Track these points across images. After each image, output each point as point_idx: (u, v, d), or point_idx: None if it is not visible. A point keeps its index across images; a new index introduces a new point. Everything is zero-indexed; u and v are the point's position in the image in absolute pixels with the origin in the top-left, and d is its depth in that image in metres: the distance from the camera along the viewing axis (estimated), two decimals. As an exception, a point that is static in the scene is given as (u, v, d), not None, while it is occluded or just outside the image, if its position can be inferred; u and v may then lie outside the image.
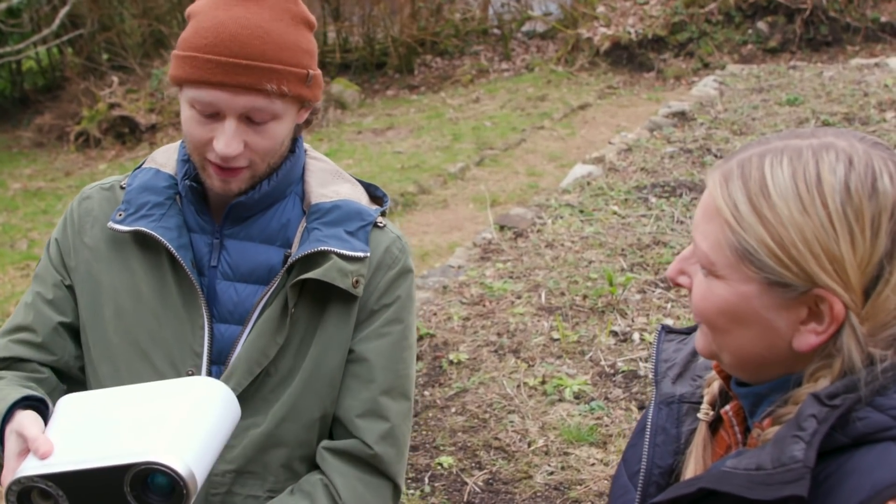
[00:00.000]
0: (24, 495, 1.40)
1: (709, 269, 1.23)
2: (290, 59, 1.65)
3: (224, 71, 1.59)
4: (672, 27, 13.99)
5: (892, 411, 1.13)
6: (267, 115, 1.65)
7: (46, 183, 11.39)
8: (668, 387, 1.47)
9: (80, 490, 1.39)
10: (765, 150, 1.20)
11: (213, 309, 1.77)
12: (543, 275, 5.98)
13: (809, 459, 1.09)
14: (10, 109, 15.15)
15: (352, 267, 1.73)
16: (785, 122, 8.96)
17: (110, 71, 14.00)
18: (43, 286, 1.85)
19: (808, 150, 1.17)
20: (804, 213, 1.13)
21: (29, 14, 14.35)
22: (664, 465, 1.42)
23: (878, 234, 1.13)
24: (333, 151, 11.10)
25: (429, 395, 4.72)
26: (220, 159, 1.65)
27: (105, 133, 12.66)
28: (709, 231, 1.22)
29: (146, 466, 1.35)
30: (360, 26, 15.55)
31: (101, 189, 1.89)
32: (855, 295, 1.14)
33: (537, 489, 3.90)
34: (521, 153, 10.22)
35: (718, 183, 1.21)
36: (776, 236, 1.14)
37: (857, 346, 1.15)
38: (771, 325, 1.19)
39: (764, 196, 1.16)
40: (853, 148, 1.16)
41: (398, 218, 8.25)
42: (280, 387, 1.75)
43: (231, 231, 1.78)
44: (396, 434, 1.81)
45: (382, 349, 1.80)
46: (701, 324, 1.29)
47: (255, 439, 1.74)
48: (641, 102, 12.30)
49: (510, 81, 14.22)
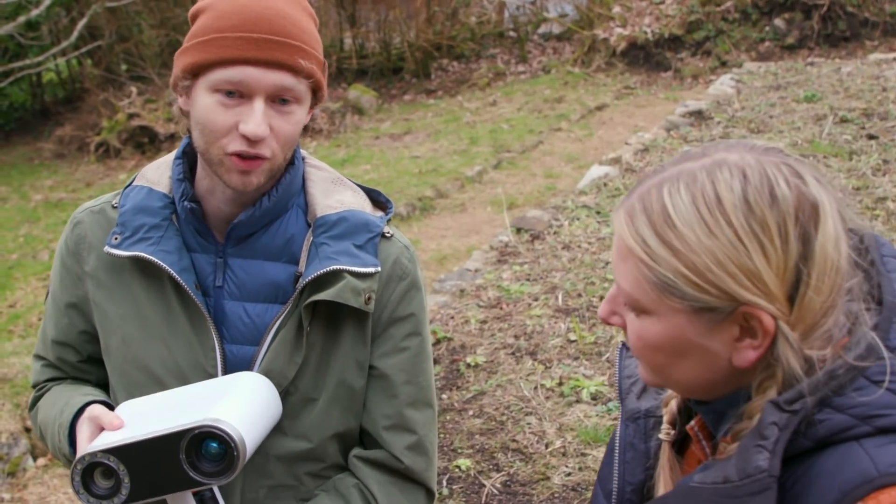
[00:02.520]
0: (88, 474, 1.45)
1: (635, 307, 1.22)
2: (313, 43, 1.65)
3: (258, 46, 1.57)
4: (688, 26, 13.94)
5: (851, 410, 1.12)
6: (294, 95, 1.62)
7: (67, 194, 11.48)
8: (632, 402, 1.46)
9: (140, 462, 1.44)
10: (661, 180, 1.19)
11: (222, 329, 1.74)
12: (560, 277, 5.97)
13: (774, 468, 1.09)
14: (30, 121, 15.28)
15: (364, 284, 1.71)
16: (802, 118, 8.91)
17: (129, 81, 14.09)
18: (56, 329, 1.86)
19: (701, 171, 1.16)
20: (711, 236, 1.13)
21: (48, 27, 14.45)
22: (635, 481, 1.42)
23: (787, 239, 1.12)
24: (351, 157, 11.13)
25: (446, 399, 4.73)
26: (246, 144, 1.60)
27: (125, 143, 12.75)
28: (626, 271, 1.22)
29: (200, 430, 1.41)
30: (377, 32, 15.59)
31: (91, 213, 1.84)
32: (780, 304, 1.14)
33: (555, 490, 3.90)
34: (538, 155, 10.22)
35: (624, 221, 1.21)
36: (690, 264, 1.14)
37: (792, 353, 1.14)
38: (707, 349, 1.19)
39: (669, 226, 1.15)
40: (744, 160, 1.16)
41: (416, 222, 8.27)
42: (305, 406, 1.74)
43: (234, 249, 1.74)
44: (424, 444, 1.81)
45: (403, 364, 1.80)
46: (639, 359, 1.29)
47: (285, 456, 1.75)
48: (659, 102, 12.27)
49: (527, 84, 14.22)
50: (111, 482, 1.45)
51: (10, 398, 5.25)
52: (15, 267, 8.61)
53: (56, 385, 1.88)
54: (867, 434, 1.11)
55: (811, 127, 8.58)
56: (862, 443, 1.11)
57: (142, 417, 1.52)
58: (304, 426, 1.75)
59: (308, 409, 1.74)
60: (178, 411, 1.50)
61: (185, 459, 1.42)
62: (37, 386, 1.92)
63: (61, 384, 1.88)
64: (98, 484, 1.46)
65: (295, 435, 1.75)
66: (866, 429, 1.11)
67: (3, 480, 4.91)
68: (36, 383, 1.92)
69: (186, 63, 1.63)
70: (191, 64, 1.62)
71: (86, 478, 1.45)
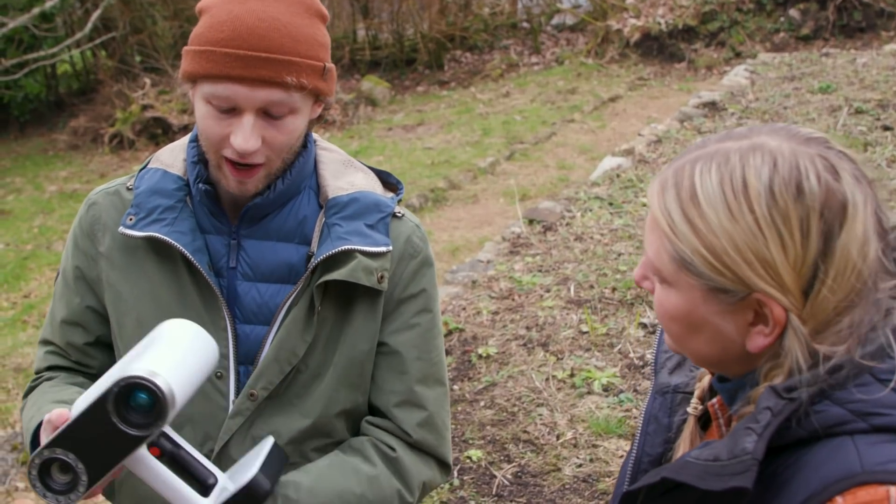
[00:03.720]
0: (45, 474, 1.44)
1: (659, 276, 1.24)
2: (308, 52, 1.63)
3: (243, 64, 1.57)
4: (702, 17, 13.88)
5: (849, 405, 1.12)
6: (285, 109, 1.63)
7: (82, 185, 11.51)
8: (664, 377, 1.48)
9: (83, 443, 1.42)
10: (697, 157, 1.20)
11: (235, 310, 1.76)
12: (572, 268, 5.97)
13: (758, 451, 1.09)
14: (45, 113, 15.32)
15: (376, 263, 1.73)
16: (817, 109, 8.87)
17: (143, 73, 14.12)
18: (66, 309, 1.87)
19: (735, 154, 1.16)
20: (732, 220, 1.13)
21: (62, 18, 14.49)
22: (654, 453, 1.44)
23: (808, 235, 1.12)
24: (364, 148, 11.14)
25: (458, 390, 4.73)
26: (237, 155, 1.63)
27: (138, 134, 12.77)
28: (652, 241, 1.23)
29: (118, 388, 1.39)
30: (390, 23, 15.57)
31: (106, 194, 1.86)
32: (793, 297, 1.14)
33: (566, 481, 3.90)
34: (551, 147, 10.20)
35: (656, 193, 1.22)
36: (709, 244, 1.15)
37: (800, 346, 1.14)
38: (720, 329, 1.20)
39: (694, 204, 1.16)
40: (780, 148, 1.15)
41: (428, 214, 8.26)
42: (312, 382, 1.77)
43: (248, 231, 1.77)
44: (435, 420, 1.83)
45: (414, 340, 1.82)
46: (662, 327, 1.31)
47: (292, 434, 1.77)
48: (672, 93, 12.23)
49: (540, 75, 14.18)
50: (69, 475, 1.44)
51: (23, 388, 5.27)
52: (29, 257, 8.65)
53: (49, 380, 1.89)
54: (862, 430, 1.11)
55: (826, 118, 8.54)
56: (855, 438, 1.11)
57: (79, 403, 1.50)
58: (313, 402, 1.77)
59: (317, 385, 1.76)
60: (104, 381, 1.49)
61: (118, 419, 1.41)
62: (38, 373, 1.93)
63: (54, 380, 1.88)
64: (57, 479, 1.45)
65: (303, 412, 1.77)
66: (862, 425, 1.11)
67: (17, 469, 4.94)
68: (37, 370, 1.94)
69: (184, 69, 1.66)
70: (186, 72, 1.66)
71: (44, 478, 1.44)
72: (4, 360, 5.88)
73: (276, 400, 1.75)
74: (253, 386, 1.73)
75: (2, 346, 6.21)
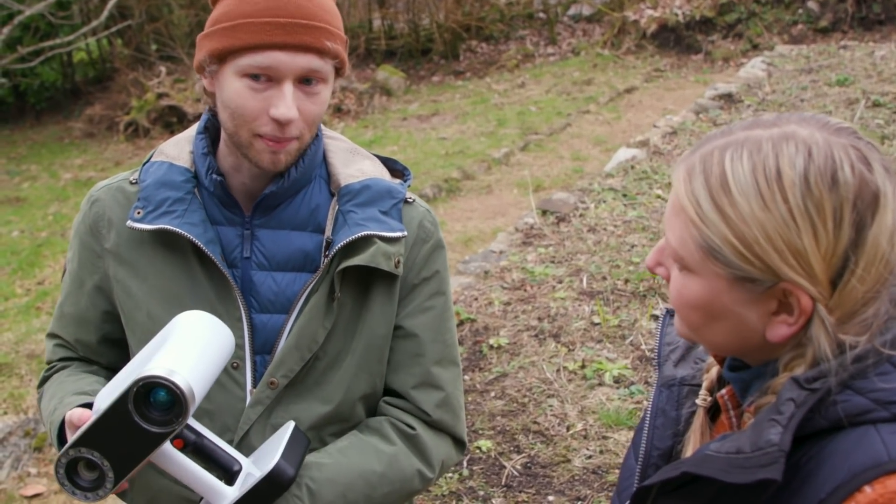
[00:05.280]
0: (72, 471, 1.46)
1: (680, 263, 1.23)
2: (336, 23, 1.66)
3: (286, 31, 1.59)
4: (720, 8, 13.82)
5: (872, 394, 1.12)
6: (321, 76, 1.64)
7: (97, 173, 11.55)
8: (669, 369, 1.47)
9: (106, 441, 1.44)
10: (726, 143, 1.18)
11: (251, 299, 1.76)
12: (585, 259, 5.95)
13: (785, 443, 1.09)
14: (61, 101, 15.37)
15: (393, 249, 1.75)
16: (834, 102, 8.81)
17: (158, 61, 14.15)
18: (75, 307, 1.87)
19: (767, 142, 1.15)
20: (765, 209, 1.12)
21: (78, 6, 14.52)
22: (663, 447, 1.42)
23: (840, 225, 1.11)
24: (378, 138, 11.13)
25: (469, 380, 4.72)
26: (277, 128, 1.63)
27: (154, 123, 12.81)
28: (676, 227, 1.21)
29: (137, 387, 1.40)
30: (405, 13, 15.56)
31: (108, 189, 1.85)
32: (822, 287, 1.13)
33: (575, 473, 3.89)
34: (566, 138, 10.18)
35: (682, 178, 1.20)
36: (739, 233, 1.14)
37: (826, 336, 1.14)
38: (742, 318, 1.19)
39: (725, 192, 1.15)
40: (813, 138, 1.14)
41: (442, 204, 8.25)
42: (331, 369, 1.77)
43: (261, 221, 1.76)
44: (451, 401, 1.86)
45: (429, 323, 1.84)
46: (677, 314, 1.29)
47: (312, 420, 1.77)
48: (689, 85, 12.18)
49: (556, 66, 14.14)
50: (95, 472, 1.46)
51: (36, 374, 5.30)
52: (44, 245, 8.68)
53: (63, 369, 1.90)
54: (884, 419, 1.11)
55: (843, 111, 8.48)
56: (878, 427, 1.11)
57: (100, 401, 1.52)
58: (332, 389, 1.78)
59: (336, 372, 1.77)
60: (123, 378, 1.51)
61: (139, 417, 1.42)
62: (49, 363, 1.94)
63: (68, 368, 1.89)
64: (84, 477, 1.47)
65: (322, 398, 1.77)
66: (884, 414, 1.11)
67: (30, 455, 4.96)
68: (49, 361, 1.94)
69: (213, 48, 1.64)
70: (218, 49, 1.63)
71: (71, 476, 1.46)
72: (18, 346, 5.90)
73: (295, 387, 1.75)
74: (273, 374, 1.73)
75: (15, 332, 6.23)
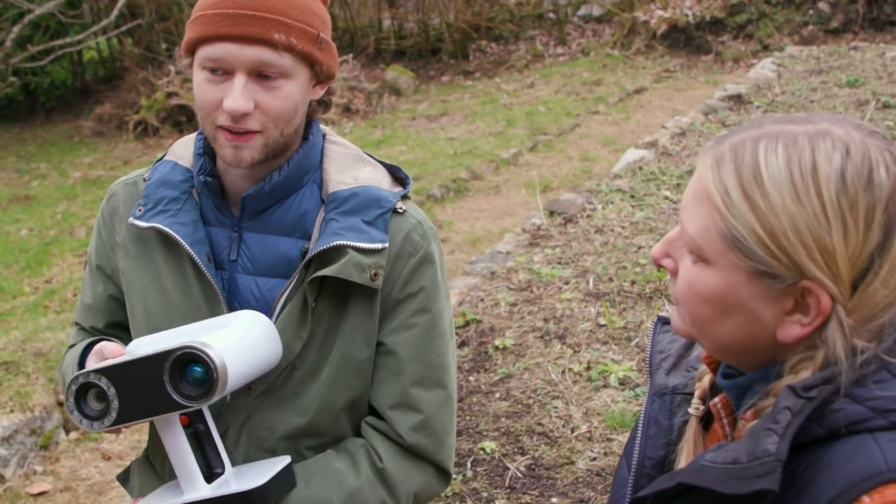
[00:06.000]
0: (82, 395, 1.52)
1: (697, 254, 1.19)
2: (299, 16, 1.63)
3: (231, 22, 1.59)
4: (730, 9, 13.78)
5: (869, 402, 1.10)
6: (276, 70, 1.61)
7: (105, 171, 11.56)
8: (661, 378, 1.45)
9: (128, 383, 1.50)
10: (759, 135, 1.15)
11: (234, 303, 1.76)
12: (592, 260, 5.93)
13: (781, 452, 1.07)
14: (71, 99, 15.40)
15: (369, 260, 1.69)
16: (844, 103, 8.78)
17: (168, 60, 14.16)
18: (91, 296, 1.94)
19: (804, 136, 1.12)
20: (797, 203, 1.09)
21: (89, 5, 14.55)
22: (656, 456, 1.41)
23: (871, 226, 1.09)
24: (387, 138, 11.13)
25: (473, 381, 4.71)
26: (230, 120, 1.62)
27: (163, 122, 12.82)
28: (697, 215, 1.18)
29: (182, 352, 1.47)
30: (415, 12, 15.55)
31: (125, 185, 1.90)
32: (843, 287, 1.11)
33: (579, 475, 3.88)
34: (574, 138, 10.16)
35: (710, 166, 1.17)
36: (767, 225, 1.11)
37: (842, 339, 1.12)
38: (756, 315, 1.16)
39: (756, 183, 1.12)
40: (850, 136, 1.12)
41: (449, 204, 8.24)
42: (308, 380, 1.74)
43: (249, 224, 1.75)
44: (432, 424, 1.79)
45: (410, 341, 1.77)
46: (679, 307, 1.26)
47: (286, 431, 1.76)
48: (698, 86, 12.15)
49: (565, 66, 14.12)
50: (103, 404, 1.52)
51: (43, 372, 5.31)
52: (52, 243, 8.69)
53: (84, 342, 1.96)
54: (882, 427, 1.09)
55: (852, 112, 8.45)
56: (876, 436, 1.09)
57: (143, 346, 1.58)
58: (309, 401, 1.75)
59: (313, 383, 1.74)
60: (173, 339, 1.56)
61: (169, 381, 1.48)
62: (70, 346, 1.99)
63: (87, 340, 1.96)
64: (90, 405, 1.53)
65: (299, 410, 1.75)
66: (882, 422, 1.09)
67: (36, 453, 4.97)
68: (70, 345, 1.99)
69: (184, 41, 1.68)
70: (185, 42, 1.67)
71: (79, 399, 1.52)
72: (25, 344, 5.90)
73: (272, 396, 1.74)
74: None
75: (22, 330, 6.23)
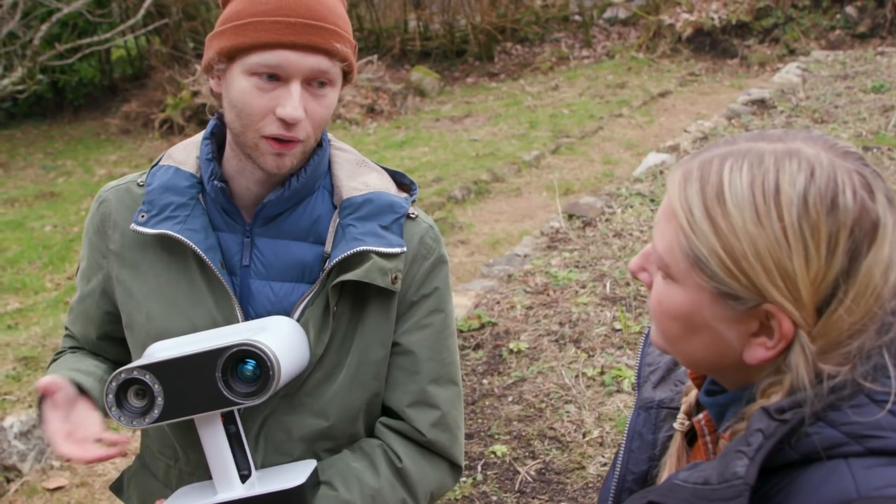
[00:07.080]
0: (122, 392, 1.51)
1: (665, 271, 1.18)
2: (346, 27, 1.67)
3: (295, 31, 1.59)
4: (757, 12, 13.70)
5: (844, 427, 1.07)
6: (329, 78, 1.64)
7: (130, 169, 11.64)
8: (648, 391, 1.44)
9: (176, 379, 1.49)
10: (728, 153, 1.13)
11: (248, 308, 1.76)
12: (609, 264, 5.92)
13: (750, 476, 1.05)
14: (99, 97, 15.52)
15: (390, 264, 1.73)
16: (869, 109, 8.71)
17: (195, 59, 14.24)
18: (81, 305, 1.91)
19: (770, 156, 1.10)
20: (758, 225, 1.07)
21: (117, 4, 14.65)
22: (638, 471, 1.39)
23: (834, 251, 1.06)
24: (410, 139, 11.14)
25: (486, 384, 4.71)
26: (283, 127, 1.63)
27: (188, 120, 12.88)
28: (665, 232, 1.17)
29: (240, 348, 1.47)
30: (441, 14, 15.56)
31: (116, 191, 1.87)
32: (806, 313, 1.08)
33: (589, 480, 3.87)
34: (597, 141, 10.13)
35: (678, 183, 1.16)
36: (728, 246, 1.09)
37: (805, 364, 1.09)
38: (720, 335, 1.15)
39: (719, 203, 1.10)
40: (818, 158, 1.09)
41: (470, 206, 8.23)
42: (324, 383, 1.76)
43: (262, 229, 1.76)
44: (448, 420, 1.83)
45: (426, 340, 1.81)
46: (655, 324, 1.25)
47: (303, 433, 1.77)
48: (723, 90, 12.08)
49: (590, 68, 14.09)
50: (144, 402, 1.50)
51: (62, 369, 5.34)
52: (75, 239, 8.75)
53: (71, 353, 1.95)
54: (857, 454, 1.07)
55: (877, 118, 8.38)
56: (850, 462, 1.06)
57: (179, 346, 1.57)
58: (326, 403, 1.76)
59: (329, 386, 1.76)
60: (217, 339, 1.56)
61: (221, 377, 1.48)
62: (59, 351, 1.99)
63: (77, 353, 1.95)
64: (131, 402, 1.51)
65: (316, 412, 1.76)
66: (857, 448, 1.07)
67: (54, 449, 5.00)
68: (61, 350, 1.99)
69: (222, 46, 1.64)
70: (227, 47, 1.63)
71: (119, 396, 1.50)
72: (45, 340, 5.95)
73: (288, 399, 1.75)
74: None
75: (43, 326, 6.29)
